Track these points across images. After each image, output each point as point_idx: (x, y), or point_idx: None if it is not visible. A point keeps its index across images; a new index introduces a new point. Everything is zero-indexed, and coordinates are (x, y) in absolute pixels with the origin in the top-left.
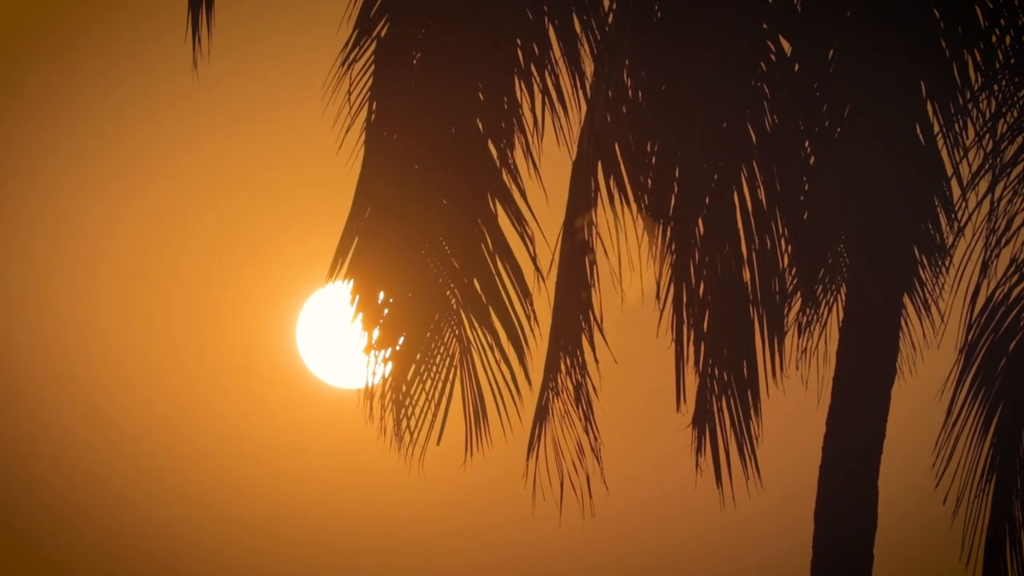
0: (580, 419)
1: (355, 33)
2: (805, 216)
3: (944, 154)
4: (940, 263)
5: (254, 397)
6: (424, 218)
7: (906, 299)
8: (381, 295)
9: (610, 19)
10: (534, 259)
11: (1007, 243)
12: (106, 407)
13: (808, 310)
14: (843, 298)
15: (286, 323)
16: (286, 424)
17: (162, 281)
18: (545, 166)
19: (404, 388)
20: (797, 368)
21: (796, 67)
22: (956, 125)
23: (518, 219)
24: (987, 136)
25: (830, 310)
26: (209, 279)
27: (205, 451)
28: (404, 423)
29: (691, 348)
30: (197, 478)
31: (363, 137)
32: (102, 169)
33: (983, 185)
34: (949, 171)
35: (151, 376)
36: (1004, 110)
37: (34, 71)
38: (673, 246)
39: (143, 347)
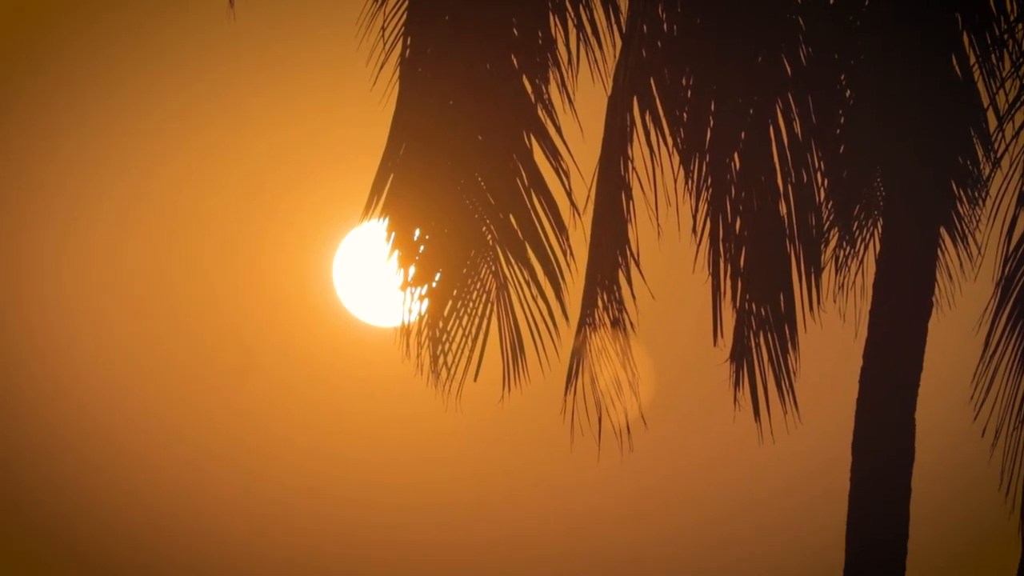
0: (617, 354)
1: None
2: (841, 150)
3: (980, 86)
4: (977, 196)
5: (291, 338)
6: (459, 154)
7: (943, 232)
8: (417, 232)
9: None
10: (570, 194)
11: None
12: (146, 349)
13: (845, 244)
14: (880, 231)
15: (323, 262)
16: (324, 364)
17: (199, 221)
18: (580, 101)
19: (441, 325)
20: (835, 302)
21: None
22: (992, 56)
23: (553, 154)
24: None
25: (866, 244)
26: (245, 220)
27: (243, 390)
28: (441, 360)
29: (727, 283)
30: (235, 420)
31: (397, 73)
32: (142, 117)
33: (1020, 116)
34: (985, 103)
35: (186, 318)
36: None
37: (62, 42)
38: (709, 180)
39: (180, 287)
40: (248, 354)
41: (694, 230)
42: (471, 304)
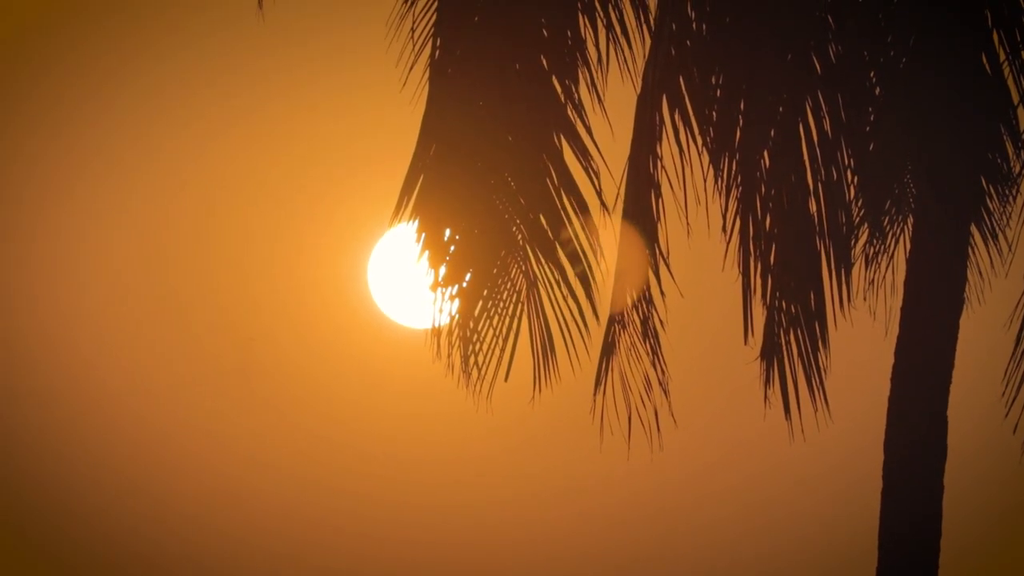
0: (647, 353)
1: None
2: (871, 147)
3: (1010, 83)
4: (1007, 192)
5: (325, 338)
6: (489, 154)
7: (973, 228)
8: (447, 232)
9: None
10: (599, 193)
11: None
12: (181, 350)
13: (875, 242)
14: (910, 229)
15: (357, 263)
16: (357, 364)
17: (232, 223)
18: (609, 101)
19: (471, 325)
20: (865, 299)
21: None
22: (1022, 53)
23: (583, 154)
24: None
25: (897, 242)
26: (279, 221)
27: (278, 389)
28: (472, 360)
29: (758, 281)
30: (269, 418)
31: (427, 74)
32: (171, 120)
33: None
34: (1015, 99)
35: (222, 320)
36: None
37: (88, 33)
38: (739, 179)
39: (216, 289)
40: (283, 354)
41: (724, 228)
42: (501, 304)
